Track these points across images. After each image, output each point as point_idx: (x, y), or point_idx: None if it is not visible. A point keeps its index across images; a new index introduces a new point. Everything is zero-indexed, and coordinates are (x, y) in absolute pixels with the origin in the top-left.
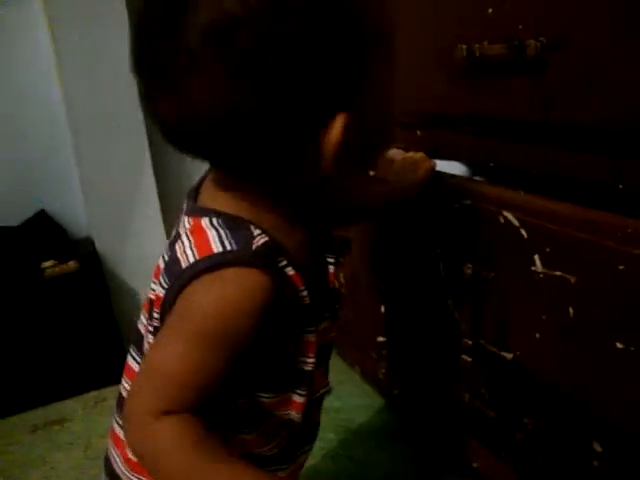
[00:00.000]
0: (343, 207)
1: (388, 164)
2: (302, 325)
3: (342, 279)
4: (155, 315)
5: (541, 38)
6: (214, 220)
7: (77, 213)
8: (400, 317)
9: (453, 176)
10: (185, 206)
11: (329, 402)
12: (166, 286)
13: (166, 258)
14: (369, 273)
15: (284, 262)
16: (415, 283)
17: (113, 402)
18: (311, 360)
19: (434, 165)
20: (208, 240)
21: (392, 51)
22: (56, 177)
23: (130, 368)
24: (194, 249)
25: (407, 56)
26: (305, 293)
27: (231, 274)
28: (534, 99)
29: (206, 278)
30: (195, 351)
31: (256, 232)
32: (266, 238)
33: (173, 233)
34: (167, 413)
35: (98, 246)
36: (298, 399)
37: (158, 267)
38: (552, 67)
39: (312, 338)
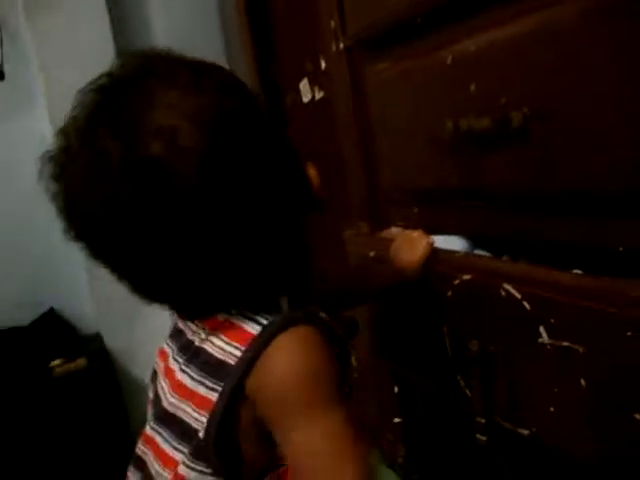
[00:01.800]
0: (344, 289)
1: (387, 243)
2: (342, 366)
3: (354, 361)
4: (199, 422)
5: (524, 109)
6: (232, 311)
7: (85, 310)
8: (414, 398)
9: (452, 252)
10: (177, 316)
11: None
12: (219, 388)
13: (191, 371)
14: (379, 355)
15: (314, 308)
16: (424, 363)
17: None
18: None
19: (432, 242)
20: (240, 326)
21: None
22: (64, 275)
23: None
24: (232, 342)
25: (395, 135)
26: (340, 331)
27: (286, 337)
28: (523, 169)
29: (267, 354)
30: (327, 409)
31: (276, 296)
32: (286, 297)
33: (172, 346)
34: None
35: (107, 342)
36: None
37: (177, 383)
38: (538, 137)
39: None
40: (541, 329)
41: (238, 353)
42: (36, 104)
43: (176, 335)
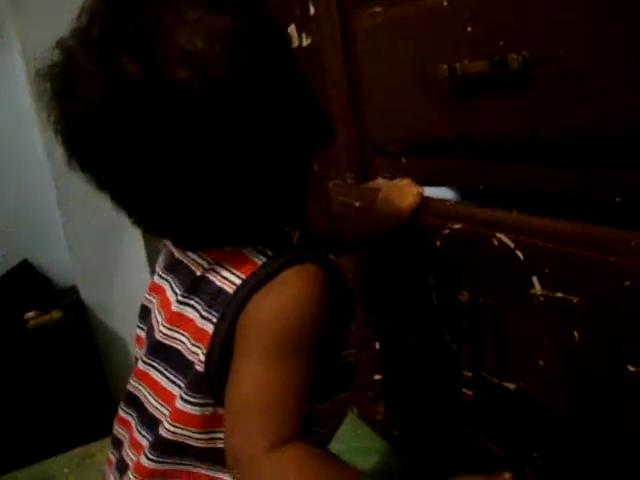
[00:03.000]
0: (328, 237)
1: (374, 193)
2: (352, 312)
3: None
4: (197, 355)
5: (523, 52)
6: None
7: (61, 262)
8: (396, 353)
9: (442, 200)
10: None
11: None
12: (214, 319)
13: (192, 301)
14: (361, 309)
15: (323, 251)
16: (409, 316)
17: (101, 458)
18: (354, 350)
19: (421, 191)
20: (245, 256)
21: None
22: (38, 226)
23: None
24: (234, 271)
25: (386, 83)
26: (348, 277)
27: (286, 277)
28: (520, 116)
29: (262, 292)
30: (284, 364)
31: (287, 229)
32: (298, 231)
33: (169, 278)
34: (280, 443)
35: (83, 295)
36: (346, 396)
37: (172, 313)
38: (537, 81)
39: (354, 326)
40: (534, 279)
41: (238, 281)
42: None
43: (174, 266)
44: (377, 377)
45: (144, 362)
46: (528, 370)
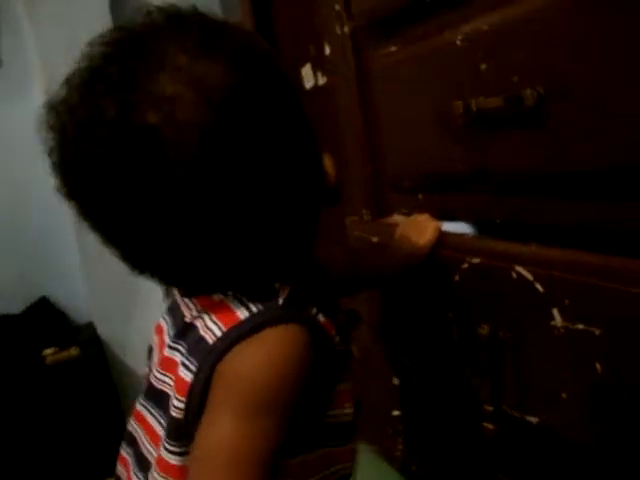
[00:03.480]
0: (346, 274)
1: (391, 229)
2: (339, 373)
3: (355, 352)
4: (177, 404)
5: (538, 88)
6: (228, 293)
7: (78, 299)
8: (415, 388)
9: (459, 235)
10: (177, 291)
11: None
12: (194, 368)
13: (179, 346)
14: (380, 344)
15: (313, 310)
16: (428, 350)
17: None
18: (349, 410)
19: (439, 226)
20: (230, 308)
21: None
22: (57, 263)
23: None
24: (217, 322)
25: (402, 120)
26: (338, 339)
27: (266, 335)
28: (536, 151)
29: (241, 346)
30: (253, 423)
31: (277, 285)
32: (288, 288)
33: (168, 320)
34: None
35: (100, 331)
36: (346, 449)
37: (164, 357)
38: (552, 116)
39: (347, 386)
40: (554, 311)
41: (218, 333)
42: (32, 92)
43: (172, 309)
44: (396, 413)
45: (140, 403)
46: (550, 403)
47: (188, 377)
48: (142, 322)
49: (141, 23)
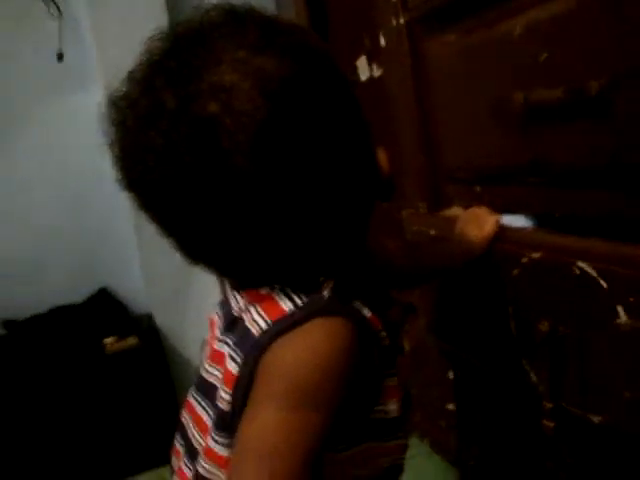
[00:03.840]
0: (405, 267)
1: (450, 222)
2: (384, 368)
3: (407, 346)
4: (224, 395)
5: (600, 77)
6: (275, 286)
7: (137, 290)
8: (470, 382)
9: (519, 228)
10: (227, 284)
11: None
12: (240, 361)
13: (227, 339)
14: (436, 337)
15: (358, 304)
16: (485, 345)
17: None
18: (394, 406)
19: (499, 219)
20: (276, 301)
21: None
22: (116, 256)
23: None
24: (263, 314)
25: (459, 111)
26: (384, 334)
27: (311, 327)
28: (599, 142)
29: (285, 338)
30: (296, 415)
31: (321, 279)
32: (332, 281)
33: (219, 314)
34: None
35: (158, 321)
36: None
37: (213, 350)
38: (616, 106)
39: (394, 382)
40: (619, 308)
41: (263, 325)
42: (92, 85)
43: (223, 303)
44: (450, 407)
45: (192, 395)
46: (614, 402)
47: (235, 369)
48: (198, 313)
49: (199, 20)
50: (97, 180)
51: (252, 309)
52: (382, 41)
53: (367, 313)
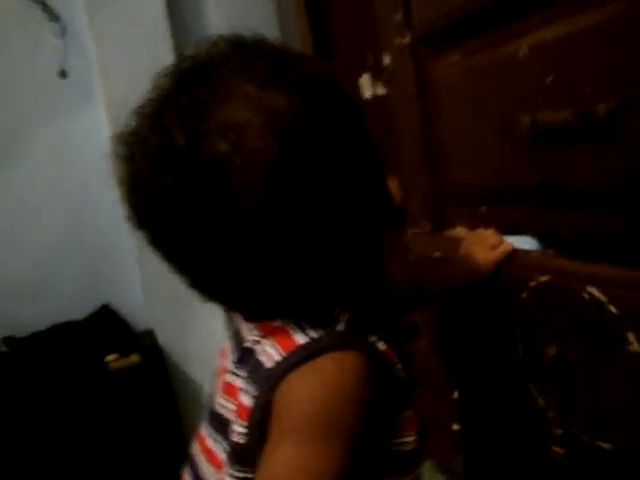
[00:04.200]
0: (407, 289)
1: (454, 243)
2: (401, 401)
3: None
4: (239, 429)
5: (608, 100)
6: (288, 319)
7: (139, 307)
8: (476, 403)
9: (527, 251)
10: (239, 315)
11: None
12: (255, 393)
13: (240, 371)
14: (441, 359)
15: (373, 338)
16: (492, 368)
17: None
18: (412, 438)
19: (510, 245)
20: (289, 334)
21: None
22: (118, 272)
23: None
24: (277, 347)
25: (464, 131)
26: (400, 366)
27: (324, 361)
28: (607, 165)
29: (299, 371)
30: (314, 448)
31: (336, 311)
32: (347, 314)
33: (230, 345)
34: None
35: (160, 339)
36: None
37: (225, 383)
38: (624, 128)
39: (410, 414)
40: (629, 335)
41: (278, 358)
42: (95, 101)
43: (234, 334)
44: (455, 427)
45: (204, 427)
46: (625, 429)
47: (249, 402)
48: (201, 331)
49: (207, 52)
50: (98, 197)
51: (265, 341)
52: (386, 60)
53: (382, 346)
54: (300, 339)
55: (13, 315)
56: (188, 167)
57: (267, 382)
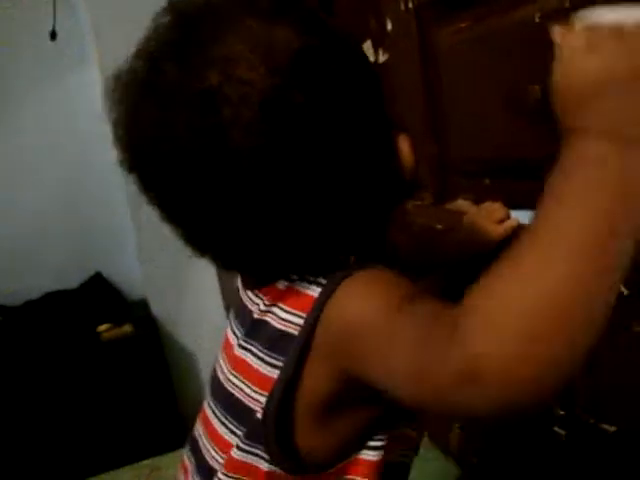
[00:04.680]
0: (414, 257)
1: (457, 215)
2: None
3: None
4: (259, 398)
5: None
6: (292, 277)
7: (132, 275)
8: None
9: None
10: (241, 288)
11: None
12: (280, 363)
13: (252, 346)
14: None
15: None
16: None
17: (168, 472)
18: None
19: (517, 219)
20: (299, 292)
21: None
22: (112, 240)
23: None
24: (293, 311)
25: (470, 101)
26: None
27: (350, 282)
28: None
29: (330, 307)
30: (400, 321)
31: (342, 257)
32: (354, 258)
33: (235, 318)
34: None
35: (153, 308)
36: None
37: (235, 357)
38: None
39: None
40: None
41: (300, 321)
42: (88, 63)
43: (238, 306)
44: None
45: (208, 405)
46: (628, 410)
47: (273, 374)
48: (195, 300)
49: None
50: (92, 163)
51: (276, 309)
52: (389, 26)
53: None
54: (313, 291)
55: (6, 284)
56: (175, 98)
57: (296, 346)
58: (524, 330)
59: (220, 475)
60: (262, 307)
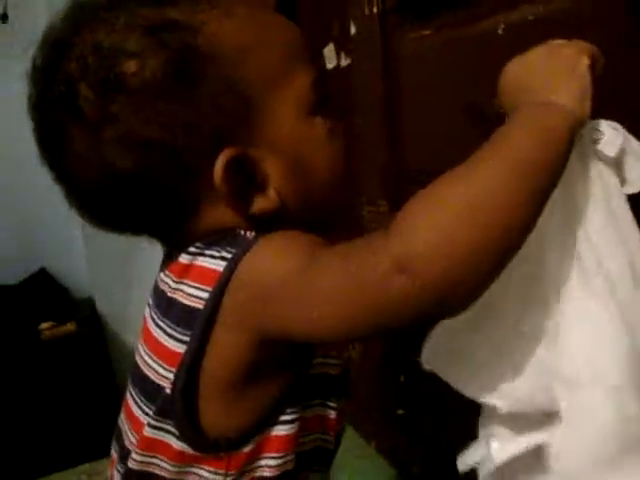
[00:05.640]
0: None
1: None
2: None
3: (356, 346)
4: (168, 375)
5: None
6: (191, 249)
7: (78, 272)
8: (423, 387)
9: None
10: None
11: None
12: (186, 337)
13: (163, 323)
14: (386, 340)
15: None
16: None
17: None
18: (335, 361)
19: None
20: (205, 267)
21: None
22: (58, 235)
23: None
24: (198, 285)
25: (429, 113)
26: None
27: (257, 248)
28: None
29: (236, 277)
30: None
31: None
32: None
33: (151, 301)
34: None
35: (99, 307)
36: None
37: (149, 337)
38: None
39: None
40: None
41: (205, 295)
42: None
43: (154, 287)
44: (400, 411)
45: (128, 391)
46: None
47: (180, 348)
48: (142, 299)
49: None
50: (36, 154)
51: (183, 286)
52: (353, 30)
53: None
54: (218, 266)
55: None
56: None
57: (201, 319)
58: (446, 224)
59: (133, 455)
60: (172, 285)
